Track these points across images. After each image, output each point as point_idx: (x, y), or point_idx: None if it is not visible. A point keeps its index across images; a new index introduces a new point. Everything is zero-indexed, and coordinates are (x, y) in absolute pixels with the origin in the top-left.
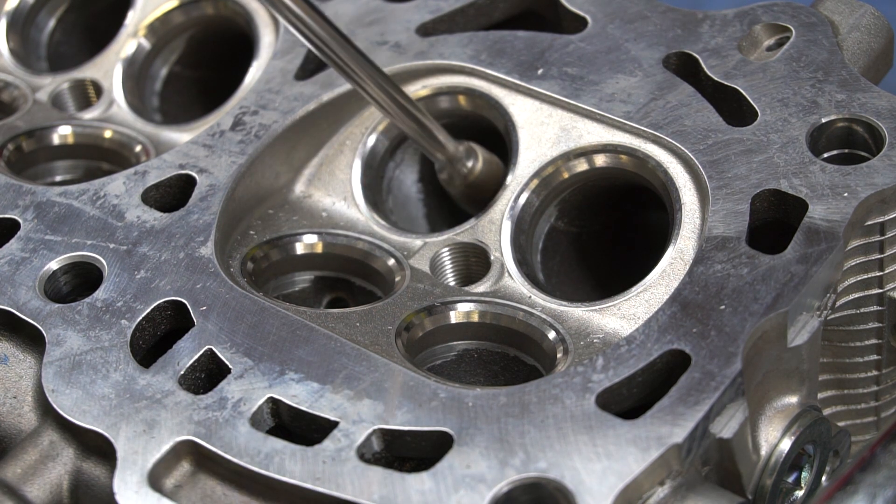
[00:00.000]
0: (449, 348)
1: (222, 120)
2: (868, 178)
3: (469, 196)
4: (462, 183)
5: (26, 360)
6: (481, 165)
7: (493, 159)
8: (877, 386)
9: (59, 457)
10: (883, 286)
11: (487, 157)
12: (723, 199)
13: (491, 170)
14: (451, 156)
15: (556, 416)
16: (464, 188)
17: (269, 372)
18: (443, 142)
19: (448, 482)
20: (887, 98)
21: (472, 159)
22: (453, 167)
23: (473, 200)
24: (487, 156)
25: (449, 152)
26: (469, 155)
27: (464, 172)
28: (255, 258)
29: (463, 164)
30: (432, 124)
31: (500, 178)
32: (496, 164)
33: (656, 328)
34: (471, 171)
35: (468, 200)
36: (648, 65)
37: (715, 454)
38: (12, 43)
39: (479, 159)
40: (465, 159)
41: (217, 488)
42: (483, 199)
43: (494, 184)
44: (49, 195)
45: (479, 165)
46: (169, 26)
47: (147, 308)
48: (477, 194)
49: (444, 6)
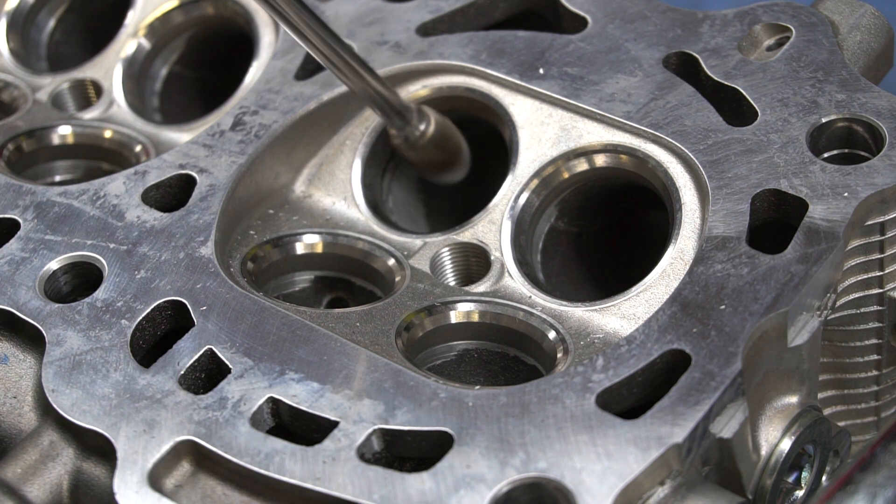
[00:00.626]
0: (449, 348)
1: (222, 120)
2: (868, 177)
3: (426, 162)
4: (415, 145)
5: (26, 360)
6: (433, 128)
7: (446, 122)
8: (877, 386)
9: (59, 457)
10: (883, 286)
11: (440, 119)
12: (723, 199)
13: (444, 132)
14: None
15: (556, 416)
16: (418, 151)
17: (269, 372)
18: (393, 102)
19: (448, 482)
20: (887, 98)
21: (423, 122)
22: (407, 129)
23: (431, 166)
24: (440, 118)
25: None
26: (421, 118)
27: (416, 135)
28: (255, 258)
29: (416, 127)
30: (383, 85)
31: (455, 141)
32: (449, 127)
33: (656, 328)
34: (423, 134)
35: (426, 166)
36: (648, 65)
37: (715, 454)
38: (12, 43)
39: (430, 122)
40: (416, 122)
41: (217, 488)
42: (441, 164)
43: (451, 147)
44: (49, 195)
45: (432, 128)
46: (169, 26)
47: (147, 308)
48: (434, 158)
49: (444, 6)
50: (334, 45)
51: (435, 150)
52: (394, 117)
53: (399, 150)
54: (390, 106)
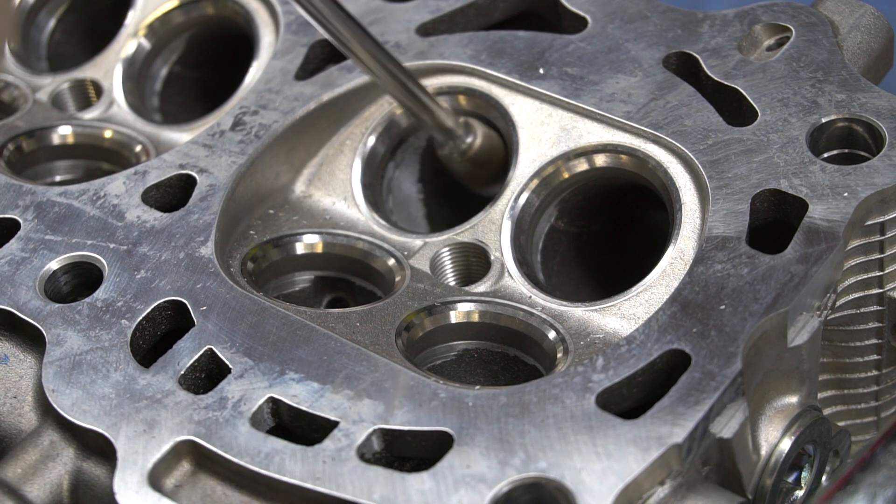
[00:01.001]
0: (449, 348)
1: (222, 120)
2: (868, 178)
3: (470, 173)
4: (461, 159)
5: (26, 360)
6: (480, 140)
7: (492, 134)
8: (877, 386)
9: (59, 457)
10: (883, 286)
11: (486, 132)
12: (723, 199)
13: (491, 144)
14: (451, 131)
15: (556, 416)
16: (464, 164)
17: (269, 372)
18: (442, 117)
19: (448, 482)
20: (887, 98)
21: (471, 135)
22: (453, 143)
23: (474, 178)
24: (486, 131)
25: (448, 127)
26: (468, 131)
27: (462, 148)
28: (255, 258)
29: (462, 139)
30: (431, 99)
31: (501, 154)
32: (496, 140)
33: (656, 328)
34: (470, 147)
35: (469, 178)
36: (648, 65)
37: (715, 454)
38: (12, 43)
39: (478, 135)
40: (464, 135)
41: (217, 488)
42: (484, 178)
43: (496, 160)
44: (49, 195)
45: (479, 141)
46: (169, 26)
47: (147, 308)
48: (477, 171)
49: (444, 6)
50: (385, 60)
51: (480, 164)
52: (440, 131)
53: (444, 162)
54: (437, 120)
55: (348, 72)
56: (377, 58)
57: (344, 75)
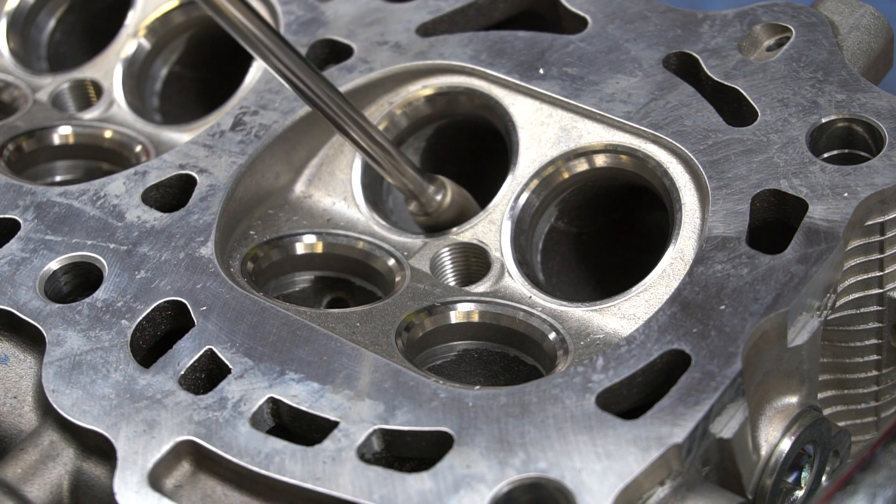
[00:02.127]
0: (449, 348)
1: (222, 120)
2: (868, 178)
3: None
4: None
5: (26, 360)
6: (449, 199)
7: (462, 193)
8: (877, 386)
9: (59, 457)
10: (883, 286)
11: (456, 190)
12: (723, 199)
13: (459, 203)
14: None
15: (556, 416)
16: (430, 221)
17: (269, 372)
18: (412, 175)
19: (448, 482)
20: (887, 98)
21: (440, 193)
22: (423, 199)
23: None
24: (456, 189)
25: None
26: (439, 189)
27: (433, 206)
28: (255, 258)
29: (432, 197)
30: (402, 158)
31: (467, 212)
32: (465, 198)
33: (656, 328)
34: (440, 205)
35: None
36: (648, 65)
37: (715, 454)
38: (12, 43)
39: (447, 194)
40: (434, 193)
41: (217, 488)
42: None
43: (462, 217)
44: (49, 195)
45: (448, 200)
46: (169, 26)
47: (147, 308)
48: (446, 224)
49: (444, 6)
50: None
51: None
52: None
53: (413, 218)
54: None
55: (348, 72)
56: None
57: (344, 75)
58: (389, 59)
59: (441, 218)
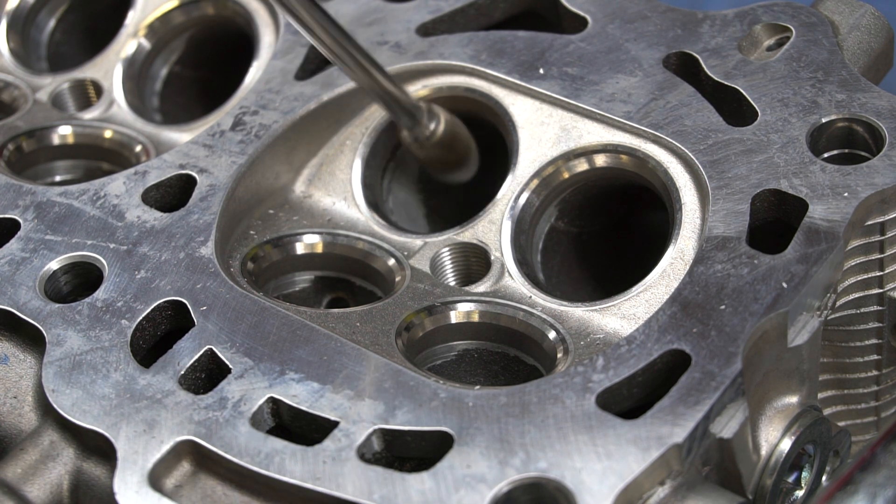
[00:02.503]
0: (449, 348)
1: (222, 120)
2: (868, 178)
3: (435, 160)
4: (425, 144)
5: (26, 360)
6: (443, 127)
7: (456, 121)
8: (877, 386)
9: (59, 457)
10: (883, 286)
11: (450, 118)
12: (723, 199)
13: (454, 129)
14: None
15: (556, 416)
16: (427, 150)
17: (269, 372)
18: (403, 101)
19: (448, 482)
20: (887, 98)
21: (434, 121)
22: (417, 128)
23: (440, 165)
24: (449, 117)
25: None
26: (431, 116)
27: (426, 134)
28: (255, 258)
29: (425, 125)
30: (393, 84)
31: (465, 138)
32: (459, 126)
33: (656, 328)
34: (433, 133)
35: (434, 165)
36: (648, 65)
37: (715, 454)
38: (12, 43)
39: (440, 120)
40: (427, 121)
41: (217, 488)
42: (449, 164)
43: (460, 145)
44: (49, 195)
45: (442, 126)
46: (169, 26)
47: (147, 308)
48: (443, 157)
49: (444, 6)
50: (343, 41)
51: (444, 149)
52: (403, 116)
53: (408, 147)
54: (399, 104)
55: None
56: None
57: (344, 75)
58: (389, 58)
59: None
